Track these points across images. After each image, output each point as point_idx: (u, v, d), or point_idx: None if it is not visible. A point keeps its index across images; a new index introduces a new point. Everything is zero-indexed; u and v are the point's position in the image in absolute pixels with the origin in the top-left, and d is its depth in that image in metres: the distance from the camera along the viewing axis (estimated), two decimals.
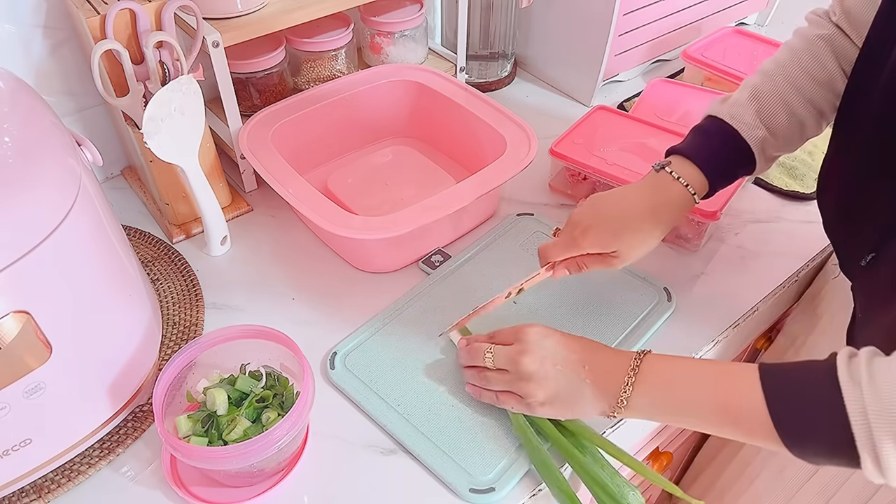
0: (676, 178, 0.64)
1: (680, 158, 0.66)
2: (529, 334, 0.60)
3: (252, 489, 0.60)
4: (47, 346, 0.52)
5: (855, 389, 0.45)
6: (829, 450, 0.47)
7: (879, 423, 0.43)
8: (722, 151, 0.66)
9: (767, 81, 0.66)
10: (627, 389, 0.55)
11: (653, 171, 0.67)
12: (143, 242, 0.83)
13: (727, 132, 0.65)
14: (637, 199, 0.65)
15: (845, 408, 0.45)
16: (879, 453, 0.43)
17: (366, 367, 0.69)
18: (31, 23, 0.77)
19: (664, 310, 0.74)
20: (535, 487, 0.60)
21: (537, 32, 1.10)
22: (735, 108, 0.66)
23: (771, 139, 0.65)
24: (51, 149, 0.53)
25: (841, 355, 0.47)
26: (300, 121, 0.86)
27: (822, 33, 0.64)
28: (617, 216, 0.64)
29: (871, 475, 0.45)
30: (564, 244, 0.66)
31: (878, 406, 0.43)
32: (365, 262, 0.80)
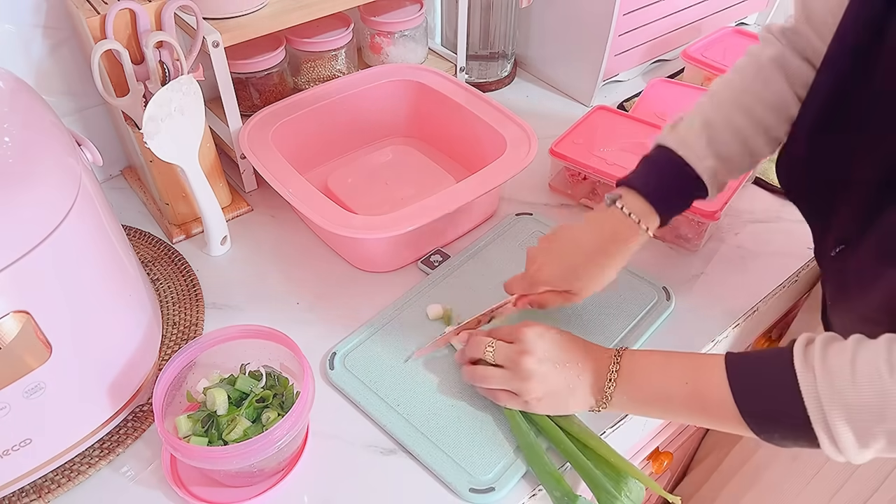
0: (628, 214, 0.65)
1: (630, 191, 0.66)
2: (528, 334, 0.61)
3: (252, 489, 0.60)
4: (47, 346, 0.52)
5: (808, 374, 0.48)
6: (790, 433, 0.50)
7: (832, 405, 0.47)
8: (672, 183, 0.66)
9: (717, 107, 0.66)
10: (610, 385, 0.58)
11: (604, 204, 0.67)
12: (143, 242, 0.83)
13: (676, 162, 0.65)
14: (589, 237, 0.66)
15: (801, 392, 0.48)
16: (834, 434, 0.47)
17: (365, 367, 0.69)
18: (31, 23, 0.77)
19: (663, 309, 0.74)
20: (535, 487, 0.60)
21: (537, 32, 1.10)
22: (685, 138, 0.65)
23: (721, 167, 0.65)
24: (51, 149, 0.53)
25: (798, 342, 0.50)
26: (300, 120, 0.86)
27: (771, 53, 0.64)
28: (569, 256, 0.66)
29: (830, 454, 0.48)
30: (523, 280, 0.69)
31: (829, 390, 0.47)
32: (365, 262, 0.80)
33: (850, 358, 0.47)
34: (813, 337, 0.51)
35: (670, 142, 0.66)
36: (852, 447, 0.47)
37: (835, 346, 0.49)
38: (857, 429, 0.46)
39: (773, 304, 0.79)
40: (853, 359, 0.47)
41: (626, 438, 0.71)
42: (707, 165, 0.65)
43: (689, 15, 1.11)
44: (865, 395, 0.46)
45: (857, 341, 0.49)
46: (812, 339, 0.50)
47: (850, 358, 0.47)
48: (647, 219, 0.65)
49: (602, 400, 0.59)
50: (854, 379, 0.46)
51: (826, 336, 0.50)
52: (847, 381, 0.47)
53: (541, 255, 0.68)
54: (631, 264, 0.69)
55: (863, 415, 0.46)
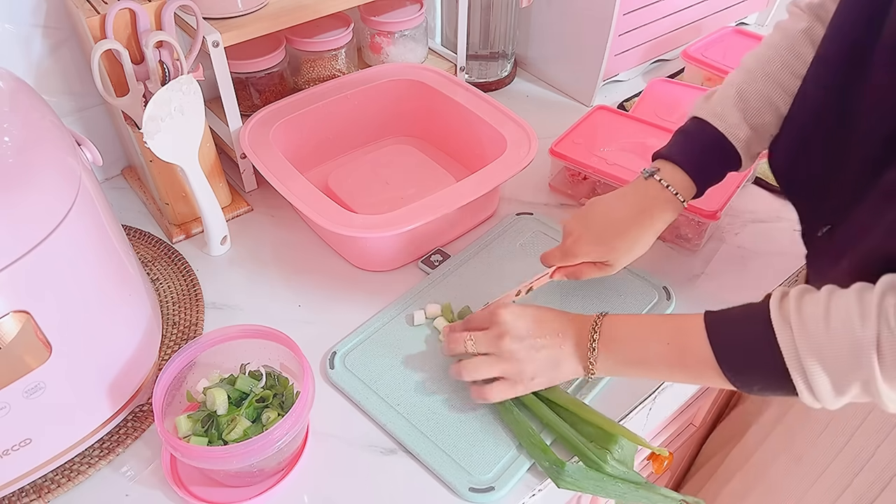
0: (666, 187, 0.66)
1: (668, 164, 0.68)
2: (504, 315, 0.62)
3: (252, 489, 0.60)
4: (47, 346, 0.52)
5: (785, 326, 0.50)
6: (769, 382, 0.52)
7: (807, 354, 0.48)
8: (708, 154, 0.67)
9: (750, 79, 0.67)
10: (594, 351, 0.59)
11: (641, 177, 0.69)
12: (143, 242, 0.83)
13: (712, 134, 0.67)
14: (626, 208, 0.68)
15: (778, 344, 0.50)
16: (811, 381, 0.49)
17: (365, 366, 0.69)
18: (30, 22, 0.77)
19: (663, 309, 0.74)
20: (535, 487, 0.60)
21: (537, 32, 1.10)
22: (719, 109, 0.67)
23: (755, 137, 0.67)
24: (51, 149, 0.53)
25: (774, 296, 0.52)
26: (301, 119, 0.86)
27: (802, 27, 0.65)
28: (606, 226, 0.67)
29: (808, 401, 0.50)
30: (560, 252, 0.70)
31: (805, 339, 0.49)
32: (364, 261, 0.80)
33: (823, 308, 0.49)
34: (787, 290, 0.52)
35: (705, 114, 0.67)
36: (829, 394, 0.49)
37: (808, 297, 0.50)
38: (833, 376, 0.48)
39: None
40: (826, 309, 0.49)
41: None
42: (742, 135, 0.66)
43: (689, 15, 1.11)
44: (840, 343, 0.47)
45: (830, 291, 0.50)
46: (786, 292, 0.52)
47: (823, 308, 0.49)
48: (684, 191, 0.67)
49: (588, 366, 0.60)
50: (828, 328, 0.48)
51: (800, 288, 0.52)
52: (822, 330, 0.48)
53: (577, 227, 0.69)
54: (631, 264, 0.69)
55: (838, 362, 0.47)
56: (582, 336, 0.60)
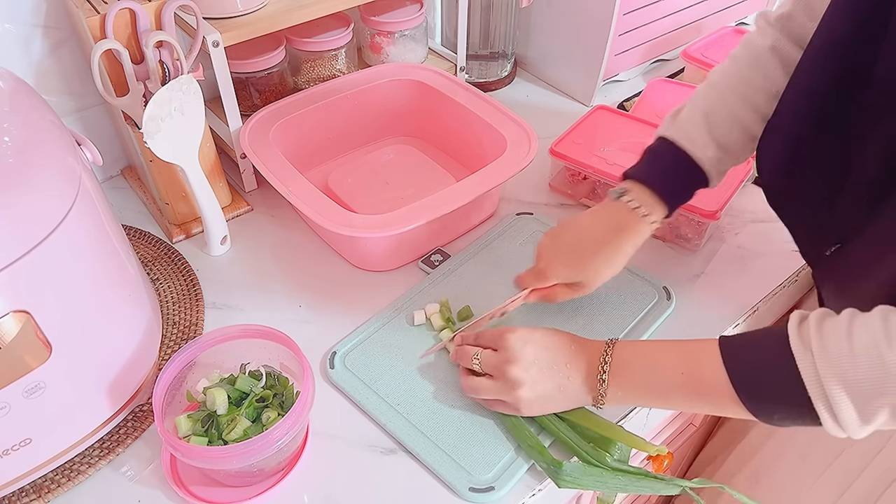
0: (635, 208, 0.66)
1: (636, 184, 0.67)
2: (511, 341, 0.61)
3: (252, 489, 0.60)
4: (47, 346, 0.52)
5: (806, 353, 0.47)
6: (791, 413, 0.49)
7: (830, 381, 0.46)
8: (675, 174, 0.67)
9: (716, 97, 0.66)
10: (604, 382, 0.58)
11: (611, 197, 0.68)
12: (143, 242, 0.83)
13: (679, 154, 0.66)
14: (597, 229, 0.67)
15: (799, 372, 0.47)
16: (835, 409, 0.46)
17: (365, 366, 0.69)
18: (30, 22, 0.77)
19: (664, 308, 0.74)
20: (535, 487, 0.60)
21: (537, 32, 1.10)
22: (686, 128, 0.66)
23: (724, 156, 0.66)
24: (51, 148, 0.53)
25: (792, 320, 0.50)
26: (301, 119, 0.86)
27: (768, 43, 0.64)
28: (577, 248, 0.67)
29: (833, 431, 0.48)
30: (533, 275, 0.69)
31: (828, 367, 0.46)
32: (364, 261, 0.80)
33: (845, 332, 0.47)
34: (806, 314, 0.50)
35: (672, 133, 0.67)
36: (854, 423, 0.46)
37: (829, 321, 0.48)
38: (859, 403, 0.46)
39: (773, 303, 0.79)
40: (849, 333, 0.47)
41: None
42: (709, 156, 0.66)
43: (689, 15, 1.11)
44: (865, 368, 0.45)
45: (851, 315, 0.48)
46: (805, 315, 0.50)
47: (845, 332, 0.47)
48: (653, 211, 0.66)
49: (598, 396, 0.58)
50: (852, 353, 0.46)
51: (819, 312, 0.50)
52: (845, 356, 0.46)
53: (548, 249, 0.69)
54: (631, 264, 0.69)
55: (864, 389, 0.45)
56: (591, 366, 0.59)
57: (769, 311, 0.80)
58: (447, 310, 0.73)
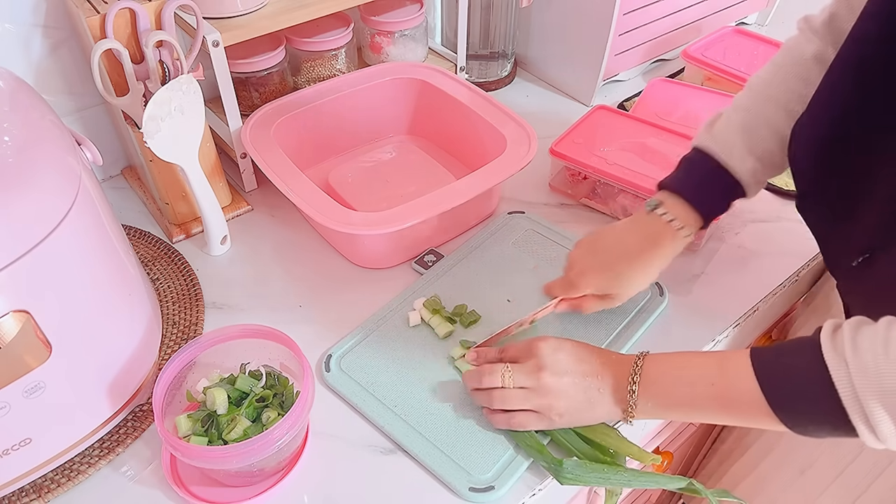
0: (669, 221, 0.65)
1: (671, 195, 0.66)
2: (543, 349, 0.60)
3: (252, 489, 0.60)
4: (47, 346, 0.52)
5: (840, 363, 0.46)
6: (826, 424, 0.48)
7: (867, 392, 0.44)
8: (710, 186, 0.66)
9: (755, 106, 0.65)
10: (633, 394, 0.57)
11: (645, 209, 0.67)
12: (143, 242, 0.83)
13: (716, 167, 0.65)
14: (631, 241, 0.67)
15: (833, 382, 0.46)
16: (872, 422, 0.45)
17: (361, 368, 0.68)
18: (30, 22, 0.77)
19: (657, 304, 0.74)
20: (535, 487, 0.60)
21: (537, 32, 1.10)
22: (722, 138, 0.65)
23: (761, 168, 0.65)
24: (51, 148, 0.53)
25: (825, 329, 0.48)
26: (302, 117, 0.86)
27: (812, 51, 0.63)
28: (611, 260, 0.66)
29: (870, 443, 0.46)
30: (564, 284, 0.69)
31: (863, 376, 0.45)
32: (363, 259, 0.80)
33: (882, 341, 0.45)
34: (840, 322, 0.48)
35: (708, 143, 0.66)
36: (893, 434, 0.45)
37: (865, 329, 0.47)
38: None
39: (773, 304, 0.79)
40: (886, 342, 0.45)
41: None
42: (746, 167, 0.64)
43: (689, 14, 1.11)
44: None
45: (889, 323, 0.46)
46: (839, 324, 0.48)
47: (882, 341, 0.45)
48: (689, 223, 0.65)
49: (627, 409, 0.57)
50: (888, 362, 0.44)
51: (854, 320, 0.48)
52: (881, 365, 0.44)
53: (581, 259, 0.68)
54: None
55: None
56: (621, 378, 0.58)
57: (769, 312, 0.80)
58: (435, 304, 0.73)
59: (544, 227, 0.84)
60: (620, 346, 0.70)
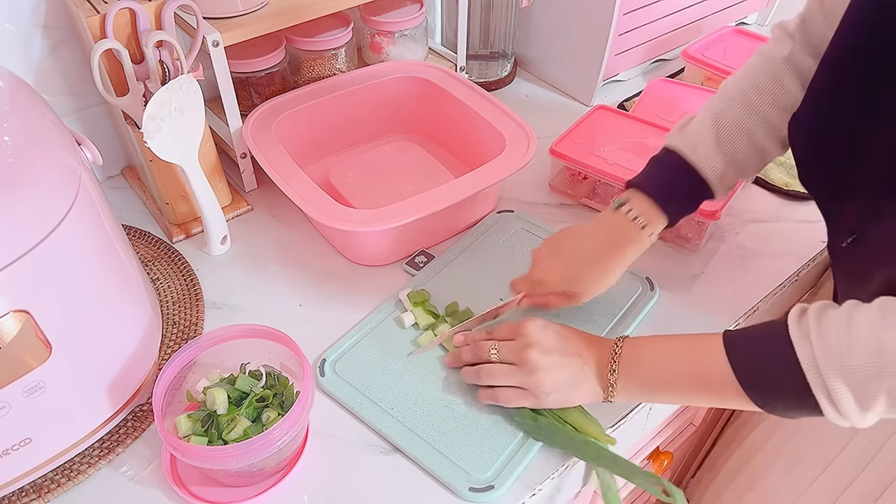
0: (633, 219, 0.66)
1: (638, 193, 0.67)
2: (531, 328, 0.62)
3: (252, 489, 0.60)
4: (47, 346, 0.52)
5: (805, 342, 0.48)
6: (792, 402, 0.50)
7: (829, 369, 0.47)
8: (677, 186, 0.67)
9: (728, 109, 0.66)
10: (614, 373, 0.59)
11: (611, 207, 0.68)
12: (143, 242, 0.83)
13: (684, 166, 0.66)
14: (595, 239, 0.67)
15: (798, 360, 0.48)
16: (835, 399, 0.47)
17: (356, 371, 0.68)
18: (30, 22, 0.77)
19: (648, 299, 0.75)
20: (535, 487, 0.60)
21: (537, 32, 1.10)
22: (693, 140, 0.66)
23: (730, 170, 0.66)
24: (50, 148, 0.53)
25: (793, 312, 0.51)
26: (303, 114, 0.86)
27: (784, 53, 0.64)
28: (575, 257, 0.67)
29: (834, 419, 0.49)
30: (529, 281, 0.69)
31: (826, 356, 0.47)
32: (362, 256, 0.80)
33: (845, 322, 0.48)
34: (807, 306, 0.51)
35: (678, 143, 0.67)
36: (854, 410, 0.47)
37: (829, 312, 0.49)
38: (857, 390, 0.46)
39: (773, 304, 0.79)
40: (848, 322, 0.47)
41: (626, 438, 0.71)
42: (714, 168, 0.65)
43: (689, 14, 1.11)
44: (861, 355, 0.46)
45: (852, 306, 0.49)
46: (805, 308, 0.51)
47: (845, 322, 0.48)
48: (654, 221, 0.66)
49: (609, 389, 0.59)
50: (850, 341, 0.47)
51: (819, 304, 0.50)
52: (843, 343, 0.47)
53: (545, 258, 0.69)
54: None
55: (861, 375, 0.46)
56: (603, 358, 0.60)
57: (769, 311, 0.80)
58: (420, 295, 0.73)
59: (534, 225, 0.84)
60: None
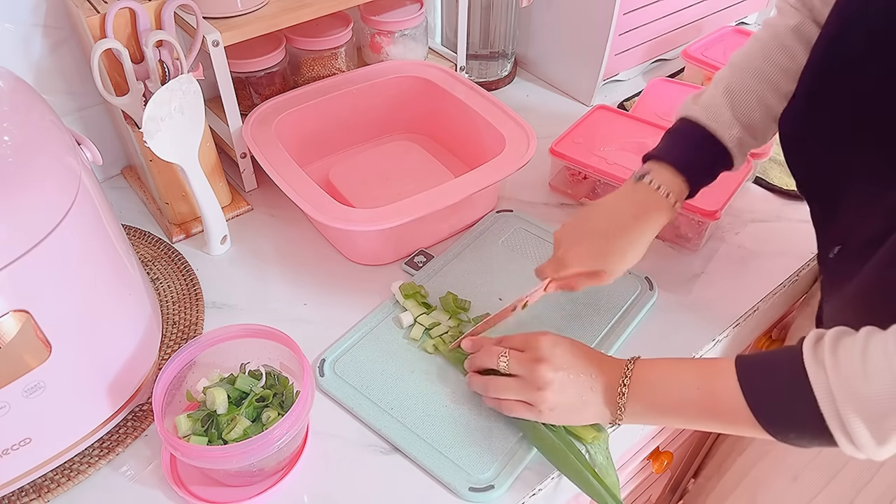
0: (657, 189, 0.65)
1: (658, 164, 0.66)
2: (542, 342, 0.60)
3: (252, 488, 0.60)
4: (47, 346, 0.52)
5: (819, 372, 0.47)
6: (806, 432, 0.49)
7: (844, 401, 0.45)
8: (698, 153, 0.66)
9: (738, 77, 0.65)
10: (623, 395, 0.57)
11: (631, 180, 0.67)
12: (143, 242, 0.83)
13: (703, 134, 0.66)
14: (617, 214, 0.65)
15: (813, 391, 0.47)
16: (850, 431, 0.46)
17: (355, 372, 0.68)
18: (30, 22, 0.77)
19: (647, 299, 0.74)
20: (535, 486, 0.60)
21: (537, 32, 1.10)
22: (709, 108, 0.66)
23: (747, 136, 0.66)
24: (50, 148, 0.53)
25: (808, 340, 0.49)
26: (304, 114, 0.87)
27: (792, 23, 0.63)
28: (598, 234, 0.65)
29: (849, 451, 0.47)
30: (553, 264, 0.67)
31: (841, 386, 0.46)
32: (361, 256, 0.80)
33: (860, 351, 0.46)
34: (822, 333, 0.49)
35: (695, 113, 0.66)
36: (869, 443, 0.46)
37: (845, 340, 0.47)
38: (872, 423, 0.45)
39: (773, 304, 0.79)
40: (864, 352, 0.46)
41: (626, 438, 0.71)
42: (733, 134, 0.65)
43: (689, 14, 1.11)
44: (877, 387, 0.44)
45: (868, 334, 0.47)
46: (822, 335, 0.49)
47: (860, 351, 0.46)
48: (676, 191, 0.65)
49: (616, 411, 0.57)
50: (865, 372, 0.45)
51: (836, 331, 0.49)
52: (858, 375, 0.45)
53: (567, 236, 0.67)
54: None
55: (876, 408, 0.44)
56: (612, 380, 0.58)
57: (769, 312, 0.80)
58: (411, 287, 0.73)
59: (534, 225, 0.84)
60: (612, 341, 0.71)
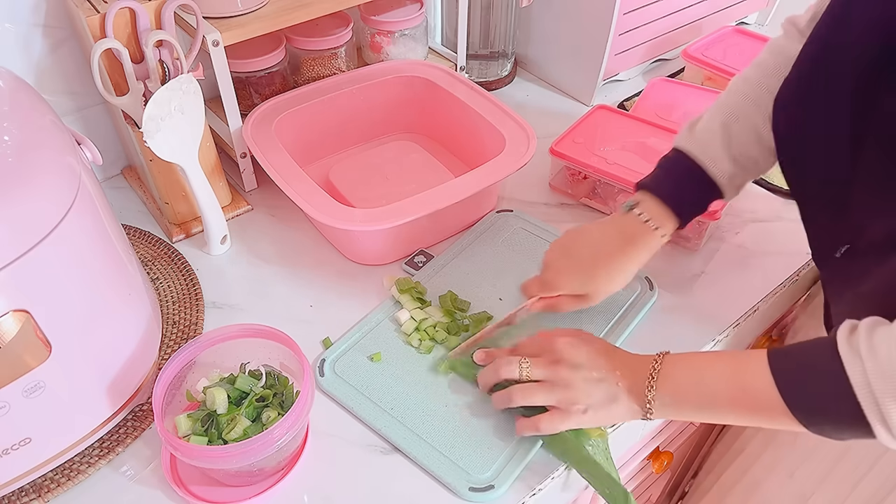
0: (645, 221, 0.66)
1: (648, 195, 0.67)
2: (561, 343, 0.60)
3: (252, 488, 0.60)
4: (47, 345, 0.52)
5: (855, 360, 0.46)
6: (842, 423, 0.48)
7: (884, 391, 0.44)
8: (690, 187, 0.67)
9: (737, 110, 0.65)
10: (651, 392, 0.56)
11: (622, 209, 0.68)
12: (143, 242, 0.83)
13: (694, 168, 0.66)
14: (606, 241, 0.67)
15: (850, 381, 0.46)
16: (888, 419, 0.45)
17: (355, 372, 0.68)
18: (30, 21, 0.77)
19: (647, 299, 0.75)
20: (535, 486, 0.60)
21: (537, 32, 1.10)
22: (702, 141, 0.66)
23: (739, 171, 0.66)
24: (50, 148, 0.53)
25: (842, 329, 0.48)
26: (304, 114, 0.87)
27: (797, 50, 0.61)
28: (586, 259, 0.67)
29: (886, 442, 0.46)
30: (540, 284, 0.68)
31: (879, 374, 0.45)
32: (360, 255, 0.80)
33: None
34: (856, 323, 0.48)
35: (687, 145, 0.66)
36: None
37: (880, 329, 0.47)
38: None
39: (773, 303, 0.79)
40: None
41: (626, 438, 0.71)
42: (723, 169, 0.65)
43: (689, 14, 1.11)
44: None
45: None
46: (856, 325, 0.48)
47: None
48: (665, 223, 0.66)
49: (646, 406, 0.56)
50: None
51: (871, 320, 0.48)
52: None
53: (556, 260, 0.68)
54: None
55: None
56: (640, 374, 0.57)
57: (769, 311, 0.80)
58: (406, 283, 0.74)
59: (534, 225, 0.84)
60: (612, 341, 0.70)
